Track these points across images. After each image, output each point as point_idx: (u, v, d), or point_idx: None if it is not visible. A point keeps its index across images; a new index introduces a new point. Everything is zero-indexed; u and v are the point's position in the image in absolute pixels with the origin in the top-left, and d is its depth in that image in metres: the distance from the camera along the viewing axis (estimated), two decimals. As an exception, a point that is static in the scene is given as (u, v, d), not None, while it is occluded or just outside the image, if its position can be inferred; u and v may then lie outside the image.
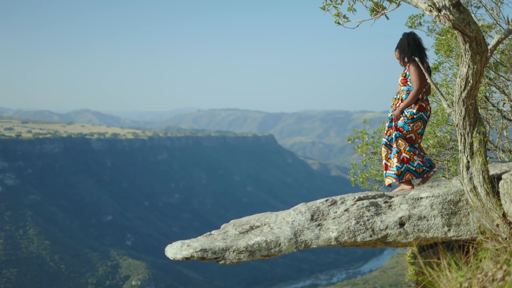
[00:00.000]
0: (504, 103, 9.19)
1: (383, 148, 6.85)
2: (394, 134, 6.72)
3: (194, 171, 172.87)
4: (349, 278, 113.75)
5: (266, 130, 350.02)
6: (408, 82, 6.70)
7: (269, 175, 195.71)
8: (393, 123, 6.73)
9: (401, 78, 6.78)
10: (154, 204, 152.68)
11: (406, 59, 6.67)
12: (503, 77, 8.91)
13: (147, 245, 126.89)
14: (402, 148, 6.70)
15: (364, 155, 9.85)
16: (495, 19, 8.26)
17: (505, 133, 9.04)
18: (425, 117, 6.70)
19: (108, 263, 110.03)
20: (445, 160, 9.37)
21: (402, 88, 6.77)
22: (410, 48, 6.61)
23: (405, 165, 6.69)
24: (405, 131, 6.66)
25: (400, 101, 6.76)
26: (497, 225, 5.16)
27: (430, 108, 6.81)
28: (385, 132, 6.86)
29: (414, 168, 6.70)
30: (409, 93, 6.69)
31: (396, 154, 6.71)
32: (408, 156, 6.70)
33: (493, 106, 9.08)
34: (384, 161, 6.84)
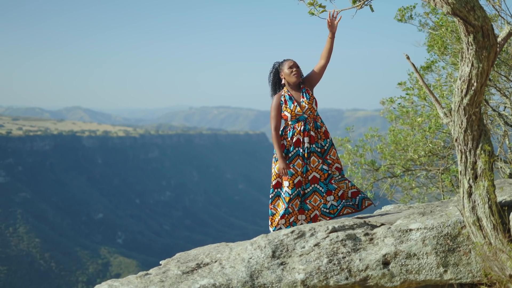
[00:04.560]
0: (505, 107, 8.08)
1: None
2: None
3: (185, 168, 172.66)
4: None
5: (258, 128, 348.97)
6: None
7: (261, 173, 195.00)
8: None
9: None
10: (145, 202, 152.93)
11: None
12: (505, 77, 7.78)
13: (138, 243, 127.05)
14: None
15: (349, 163, 8.88)
16: (497, 10, 7.06)
17: (507, 142, 7.87)
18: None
19: (98, 261, 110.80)
20: (437, 169, 8.39)
21: None
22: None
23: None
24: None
25: None
26: (510, 276, 3.87)
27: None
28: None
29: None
30: None
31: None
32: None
33: (493, 110, 7.95)
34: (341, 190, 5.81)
